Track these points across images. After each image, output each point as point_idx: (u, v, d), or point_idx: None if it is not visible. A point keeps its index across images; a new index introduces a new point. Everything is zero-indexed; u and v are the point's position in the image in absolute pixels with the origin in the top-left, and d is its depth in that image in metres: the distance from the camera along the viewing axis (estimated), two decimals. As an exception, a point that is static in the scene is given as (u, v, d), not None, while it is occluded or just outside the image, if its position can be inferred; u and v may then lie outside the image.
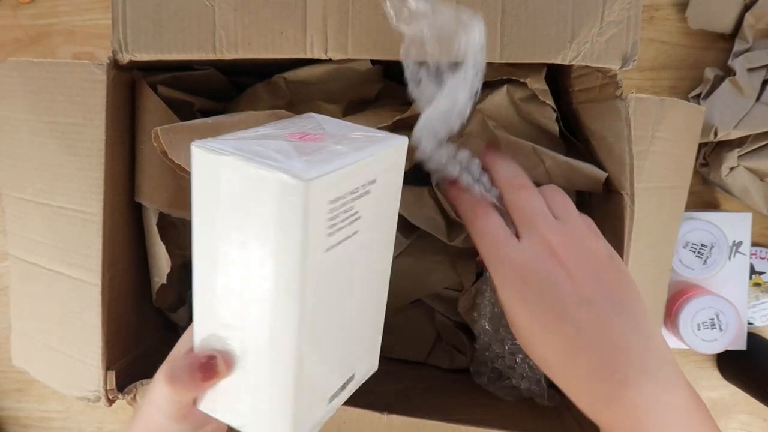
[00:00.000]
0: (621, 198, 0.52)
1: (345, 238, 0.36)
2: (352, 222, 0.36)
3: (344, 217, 0.35)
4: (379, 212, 0.39)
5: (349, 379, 0.42)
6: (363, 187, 0.36)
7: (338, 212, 0.34)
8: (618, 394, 0.37)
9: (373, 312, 0.44)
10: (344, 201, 0.34)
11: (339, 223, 0.35)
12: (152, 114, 0.53)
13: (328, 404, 0.40)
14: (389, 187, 0.40)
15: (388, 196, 0.40)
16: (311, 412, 0.39)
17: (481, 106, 0.55)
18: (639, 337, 0.38)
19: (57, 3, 0.78)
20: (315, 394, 0.39)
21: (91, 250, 0.52)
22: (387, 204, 0.40)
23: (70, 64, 0.50)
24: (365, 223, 0.37)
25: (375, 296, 0.43)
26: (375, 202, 0.38)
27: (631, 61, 0.48)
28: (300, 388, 0.36)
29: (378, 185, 0.37)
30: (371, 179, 0.36)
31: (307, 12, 0.48)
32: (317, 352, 0.37)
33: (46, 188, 0.53)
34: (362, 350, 0.43)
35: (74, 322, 0.54)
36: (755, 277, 0.78)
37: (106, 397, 0.54)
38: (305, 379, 0.36)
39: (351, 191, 0.35)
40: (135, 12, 0.48)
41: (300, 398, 0.37)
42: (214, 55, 0.49)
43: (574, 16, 0.48)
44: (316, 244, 0.33)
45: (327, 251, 0.34)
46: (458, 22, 0.41)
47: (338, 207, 0.34)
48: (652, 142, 0.51)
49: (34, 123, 0.52)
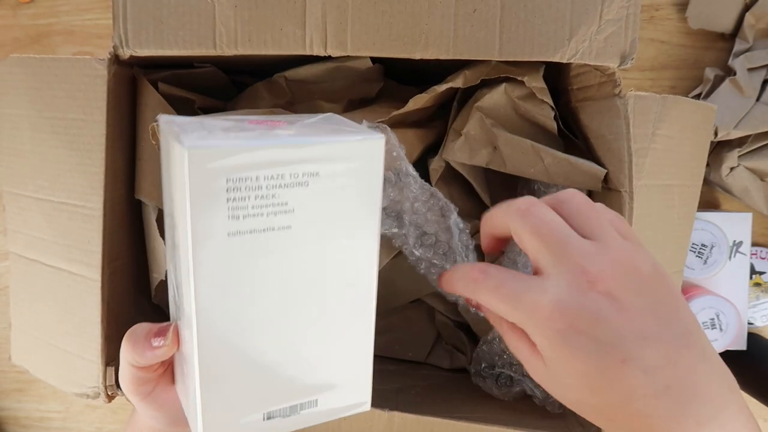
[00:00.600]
0: (620, 195, 0.52)
1: (264, 229, 0.34)
2: (277, 213, 0.34)
3: (259, 204, 0.33)
4: (332, 211, 0.36)
5: (306, 404, 0.40)
6: (294, 176, 0.34)
7: (245, 194, 0.33)
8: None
9: (341, 333, 0.39)
10: (256, 183, 0.33)
11: (249, 208, 0.33)
12: (153, 111, 0.53)
13: (265, 420, 0.39)
14: (350, 186, 0.36)
15: (349, 195, 0.36)
16: (229, 415, 0.37)
17: (480, 104, 0.55)
18: (707, 366, 0.33)
19: (57, 3, 0.78)
20: (234, 402, 0.37)
21: (91, 245, 0.52)
22: (348, 204, 0.37)
23: (71, 59, 0.50)
24: (302, 220, 0.35)
25: (342, 313, 0.39)
26: (321, 197, 0.35)
27: (630, 60, 0.49)
28: (206, 381, 0.36)
29: (324, 180, 0.35)
30: (311, 171, 0.34)
31: (307, 9, 0.48)
32: (232, 353, 0.36)
33: (46, 184, 0.53)
34: (330, 376, 0.40)
35: (74, 318, 0.54)
36: (755, 277, 0.78)
37: (105, 394, 0.54)
38: (211, 372, 0.36)
39: (270, 175, 0.33)
40: (136, 7, 0.49)
41: (208, 394, 0.36)
42: (214, 51, 0.49)
43: (572, 15, 0.48)
44: (212, 224, 0.33)
45: (231, 236, 0.33)
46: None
47: (244, 187, 0.33)
48: (653, 140, 0.51)
49: (35, 119, 0.52)
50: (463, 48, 0.48)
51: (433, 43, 0.48)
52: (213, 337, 0.35)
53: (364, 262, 0.38)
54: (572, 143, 0.58)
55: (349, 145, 0.35)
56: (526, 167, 0.54)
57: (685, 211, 0.57)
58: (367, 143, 0.36)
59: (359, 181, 0.36)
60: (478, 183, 0.61)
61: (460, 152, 0.56)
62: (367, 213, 0.37)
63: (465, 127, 0.56)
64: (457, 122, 0.58)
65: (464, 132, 0.56)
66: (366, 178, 0.36)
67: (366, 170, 0.36)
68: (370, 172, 0.37)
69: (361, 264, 0.38)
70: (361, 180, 0.36)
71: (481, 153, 0.55)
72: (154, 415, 0.42)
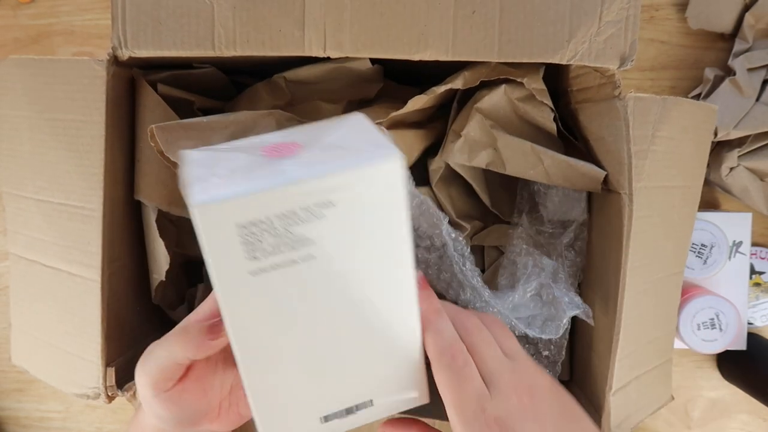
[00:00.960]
0: (619, 197, 0.52)
1: (288, 262, 0.35)
2: (297, 247, 0.35)
3: (276, 242, 0.34)
4: (354, 236, 0.36)
5: (361, 405, 0.42)
6: (306, 211, 0.34)
7: (259, 237, 0.34)
8: None
9: (387, 336, 0.40)
10: (270, 225, 0.34)
11: (266, 247, 0.34)
12: (152, 112, 0.53)
13: (324, 423, 0.41)
14: (371, 207, 0.36)
15: (372, 217, 0.36)
16: (285, 423, 0.40)
17: (479, 105, 0.55)
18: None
19: (57, 3, 0.78)
20: (287, 410, 0.40)
21: (91, 246, 0.52)
22: (372, 225, 0.36)
23: (69, 60, 0.50)
24: (326, 249, 0.35)
25: (385, 318, 0.40)
26: (340, 226, 0.35)
27: (630, 61, 0.49)
28: (257, 396, 0.39)
29: (341, 208, 0.35)
30: (324, 201, 0.34)
31: (306, 10, 0.48)
32: (276, 372, 0.38)
33: (46, 185, 0.53)
34: (382, 378, 0.41)
35: (74, 319, 0.54)
36: (755, 277, 0.78)
37: (105, 394, 0.54)
38: (262, 387, 0.39)
39: (281, 214, 0.34)
40: (135, 8, 0.49)
41: (261, 405, 0.39)
42: (213, 53, 0.49)
43: (572, 16, 0.48)
44: (231, 266, 0.34)
45: (255, 275, 0.35)
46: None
47: (258, 231, 0.34)
48: (653, 142, 0.51)
49: (34, 120, 0.52)
50: (462, 50, 0.48)
51: (432, 44, 0.48)
52: (257, 362, 0.37)
53: (399, 264, 0.38)
54: (572, 145, 0.58)
55: (359, 171, 0.34)
56: (526, 169, 0.54)
57: (686, 211, 0.57)
58: (380, 166, 0.35)
59: (380, 199, 0.36)
60: (477, 184, 0.61)
61: (459, 153, 0.56)
62: (394, 224, 0.37)
63: (465, 128, 0.55)
64: (456, 123, 0.58)
65: (464, 133, 0.56)
66: (387, 194, 0.36)
67: (385, 188, 0.35)
68: (390, 187, 0.36)
69: (397, 267, 0.38)
70: (381, 198, 0.36)
71: (480, 154, 0.55)
72: (164, 414, 0.42)
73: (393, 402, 0.43)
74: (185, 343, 0.40)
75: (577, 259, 0.60)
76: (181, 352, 0.40)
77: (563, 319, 0.56)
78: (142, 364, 0.41)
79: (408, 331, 0.41)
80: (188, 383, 0.42)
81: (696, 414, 0.81)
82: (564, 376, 0.63)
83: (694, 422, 0.81)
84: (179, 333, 0.40)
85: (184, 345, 0.40)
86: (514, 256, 0.61)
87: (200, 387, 0.43)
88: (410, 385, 0.43)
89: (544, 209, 0.62)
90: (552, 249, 0.61)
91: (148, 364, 0.41)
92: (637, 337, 0.54)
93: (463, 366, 0.39)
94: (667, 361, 0.60)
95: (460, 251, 0.50)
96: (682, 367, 0.80)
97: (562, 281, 0.58)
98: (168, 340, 0.41)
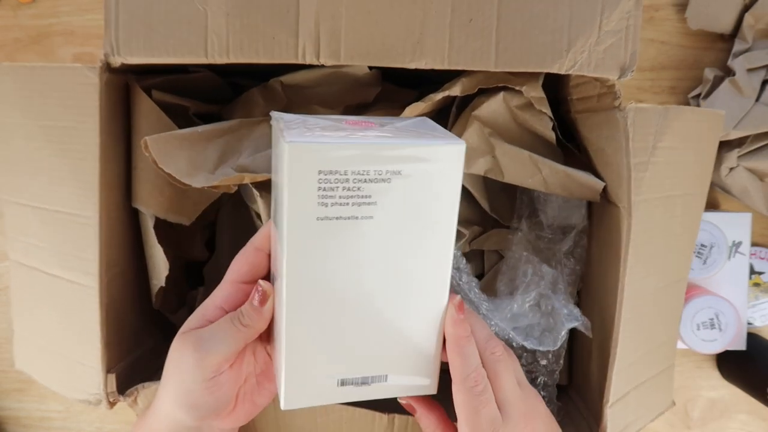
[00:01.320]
0: (618, 211, 0.51)
1: (349, 216, 0.39)
2: (361, 204, 0.39)
3: (346, 195, 0.39)
4: (411, 207, 0.40)
5: (376, 378, 0.44)
6: (378, 172, 0.39)
7: (334, 185, 0.38)
8: None
9: (414, 318, 0.44)
10: (344, 177, 0.38)
11: (337, 197, 0.38)
12: (146, 119, 0.53)
13: (338, 386, 0.44)
14: (430, 185, 0.40)
15: (429, 193, 0.40)
16: (310, 379, 0.43)
17: (477, 113, 0.54)
18: None
19: (57, 3, 0.78)
20: (314, 364, 0.43)
21: (87, 253, 0.52)
22: (427, 201, 0.41)
23: (62, 67, 0.49)
24: (384, 212, 0.40)
25: (416, 300, 0.43)
26: (401, 194, 0.40)
27: (630, 72, 0.48)
28: (291, 343, 0.42)
29: (406, 179, 0.39)
30: (393, 169, 0.39)
31: (300, 17, 0.48)
32: (316, 321, 0.41)
33: (41, 192, 0.53)
34: (401, 356, 0.44)
35: (73, 326, 0.54)
36: (755, 277, 0.78)
37: (107, 400, 0.54)
38: (297, 335, 0.41)
39: (357, 171, 0.38)
40: (127, 15, 0.48)
41: (291, 353, 0.42)
42: (206, 60, 0.48)
43: (571, 25, 0.47)
44: (304, 207, 0.38)
45: (320, 220, 0.39)
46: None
47: (334, 180, 0.38)
48: (654, 153, 0.50)
49: (27, 127, 0.52)
50: (458, 58, 0.48)
51: (428, 53, 0.48)
52: (300, 304, 0.41)
53: (439, 254, 0.42)
54: (571, 154, 0.58)
55: (430, 148, 0.39)
56: (524, 178, 0.54)
57: (689, 219, 0.56)
58: (448, 147, 0.40)
59: (439, 181, 0.40)
60: (476, 190, 0.60)
61: (457, 160, 0.56)
62: (445, 209, 0.41)
63: (463, 135, 0.55)
64: (454, 130, 0.57)
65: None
66: (445, 179, 0.40)
67: (446, 172, 0.40)
68: (449, 173, 0.40)
69: (436, 256, 0.42)
70: (440, 180, 0.40)
71: (478, 162, 0.55)
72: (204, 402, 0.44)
73: (405, 384, 0.45)
74: (243, 326, 0.44)
75: (576, 267, 0.60)
76: (243, 339, 0.44)
77: (561, 331, 0.55)
78: (197, 349, 0.44)
79: (435, 313, 0.44)
80: (230, 370, 0.45)
81: (696, 414, 0.81)
82: (562, 381, 0.63)
83: (694, 422, 0.81)
84: (233, 318, 0.44)
85: (244, 326, 0.44)
86: (514, 262, 0.61)
87: (236, 373, 0.46)
88: (424, 371, 0.46)
89: (543, 215, 0.62)
90: (551, 255, 0.61)
91: (208, 348, 0.44)
92: (636, 347, 0.54)
93: (482, 392, 0.43)
94: (668, 368, 0.59)
95: (455, 265, 0.50)
96: (682, 367, 0.80)
97: (562, 291, 0.58)
98: (229, 325, 0.44)
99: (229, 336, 0.43)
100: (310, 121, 0.42)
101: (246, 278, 0.46)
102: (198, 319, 0.45)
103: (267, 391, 0.48)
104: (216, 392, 0.44)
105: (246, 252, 0.46)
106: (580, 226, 0.60)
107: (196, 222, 0.58)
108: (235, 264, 0.46)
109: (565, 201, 0.61)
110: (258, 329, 0.44)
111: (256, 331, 0.44)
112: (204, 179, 0.49)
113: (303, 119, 0.43)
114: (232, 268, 0.46)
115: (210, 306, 0.45)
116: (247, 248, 0.46)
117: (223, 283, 0.46)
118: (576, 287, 0.61)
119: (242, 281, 0.46)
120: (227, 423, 0.47)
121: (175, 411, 0.45)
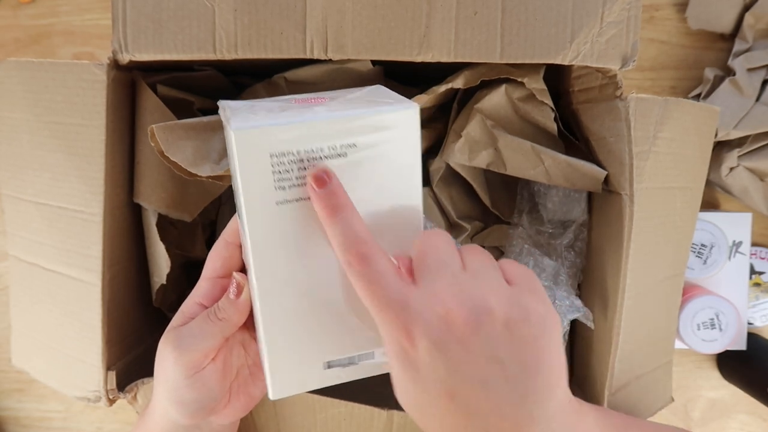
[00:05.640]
0: (620, 198, 0.52)
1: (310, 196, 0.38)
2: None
3: (303, 175, 0.38)
4: (372, 178, 0.39)
5: (363, 356, 0.43)
6: (332, 148, 0.38)
7: (289, 167, 0.38)
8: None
9: None
10: (297, 157, 0.38)
11: (293, 179, 0.38)
12: (152, 114, 0.53)
13: (326, 369, 0.43)
14: (387, 154, 0.39)
15: (388, 162, 0.39)
16: (294, 366, 0.42)
17: (480, 105, 0.55)
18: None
19: (57, 3, 0.78)
20: (297, 350, 0.42)
21: (91, 250, 0.52)
22: (387, 170, 0.40)
23: (69, 64, 0.49)
24: (346, 187, 0.39)
25: None
26: (360, 166, 0.39)
27: (631, 62, 0.49)
28: (269, 331, 0.41)
29: (362, 150, 0.39)
30: (347, 142, 0.38)
31: (307, 12, 0.48)
32: (291, 307, 0.41)
33: (45, 188, 0.53)
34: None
35: (74, 323, 0.54)
36: (755, 277, 0.78)
37: (106, 397, 0.54)
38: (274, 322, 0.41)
39: (309, 149, 0.38)
40: (135, 12, 0.48)
41: (272, 343, 0.41)
42: (214, 56, 0.49)
43: (573, 17, 0.48)
44: (261, 193, 0.38)
45: (279, 204, 0.38)
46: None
47: (287, 162, 0.37)
48: (654, 143, 0.51)
49: (33, 123, 0.52)
50: (464, 51, 0.48)
51: (434, 46, 0.48)
52: (272, 292, 0.40)
53: (408, 222, 0.42)
54: (573, 145, 0.58)
55: (380, 116, 0.38)
56: (527, 169, 0.54)
57: (687, 213, 0.57)
58: (399, 113, 0.39)
59: (396, 148, 0.39)
60: (478, 184, 0.61)
61: (460, 153, 0.56)
62: (406, 175, 0.40)
63: (465, 128, 0.55)
64: (457, 123, 0.58)
65: (464, 133, 0.56)
66: (402, 145, 0.40)
67: (401, 138, 0.39)
68: (405, 139, 0.39)
69: (405, 224, 0.42)
70: (397, 147, 0.39)
71: (481, 154, 0.55)
72: (190, 398, 0.44)
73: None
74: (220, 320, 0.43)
75: (577, 260, 0.60)
76: (220, 332, 0.43)
77: (563, 322, 0.56)
78: (175, 347, 0.43)
79: None
80: (213, 364, 0.45)
81: (696, 414, 0.81)
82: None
83: (694, 422, 0.81)
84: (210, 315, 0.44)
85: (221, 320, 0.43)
86: (515, 256, 0.61)
87: (222, 368, 0.45)
88: None
89: (544, 209, 0.62)
90: (552, 249, 0.61)
91: (185, 345, 0.43)
92: (636, 338, 0.54)
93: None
94: (667, 363, 0.60)
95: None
96: (682, 367, 0.80)
97: (563, 283, 0.58)
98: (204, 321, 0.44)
99: (205, 331, 0.43)
100: (256, 106, 0.42)
101: (220, 273, 0.46)
102: (179, 317, 0.45)
103: (261, 382, 0.48)
104: (200, 388, 0.44)
105: (217, 247, 0.46)
106: (581, 219, 0.60)
107: (196, 220, 0.58)
108: (209, 260, 0.46)
109: (565, 195, 0.61)
110: (235, 322, 0.44)
111: (234, 323, 0.44)
112: (209, 169, 0.49)
113: (250, 104, 0.42)
114: (206, 264, 0.46)
115: (190, 303, 0.46)
116: (218, 243, 0.46)
117: (201, 280, 0.46)
118: (577, 280, 0.61)
119: (217, 276, 0.46)
120: (224, 417, 0.47)
121: (168, 410, 0.45)
